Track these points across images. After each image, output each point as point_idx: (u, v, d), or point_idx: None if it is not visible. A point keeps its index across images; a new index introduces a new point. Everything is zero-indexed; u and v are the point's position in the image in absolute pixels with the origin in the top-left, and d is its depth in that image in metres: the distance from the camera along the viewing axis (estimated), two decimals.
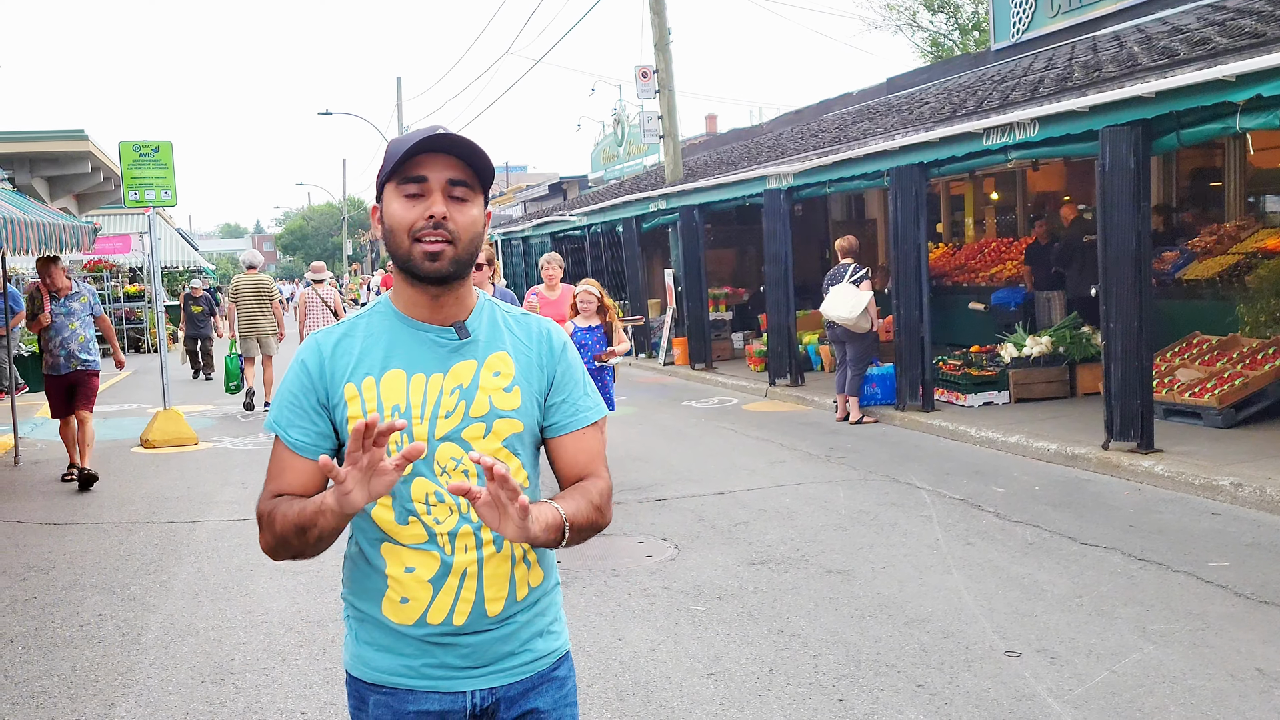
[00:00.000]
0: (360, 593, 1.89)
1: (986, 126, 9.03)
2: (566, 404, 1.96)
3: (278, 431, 1.86)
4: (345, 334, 1.88)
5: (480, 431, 1.84)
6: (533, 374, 1.92)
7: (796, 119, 22.27)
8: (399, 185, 1.80)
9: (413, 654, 1.85)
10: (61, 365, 8.75)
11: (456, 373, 1.85)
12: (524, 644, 1.90)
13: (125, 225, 28.27)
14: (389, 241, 1.83)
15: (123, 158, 10.77)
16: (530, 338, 1.95)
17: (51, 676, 4.60)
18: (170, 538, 6.95)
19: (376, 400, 1.81)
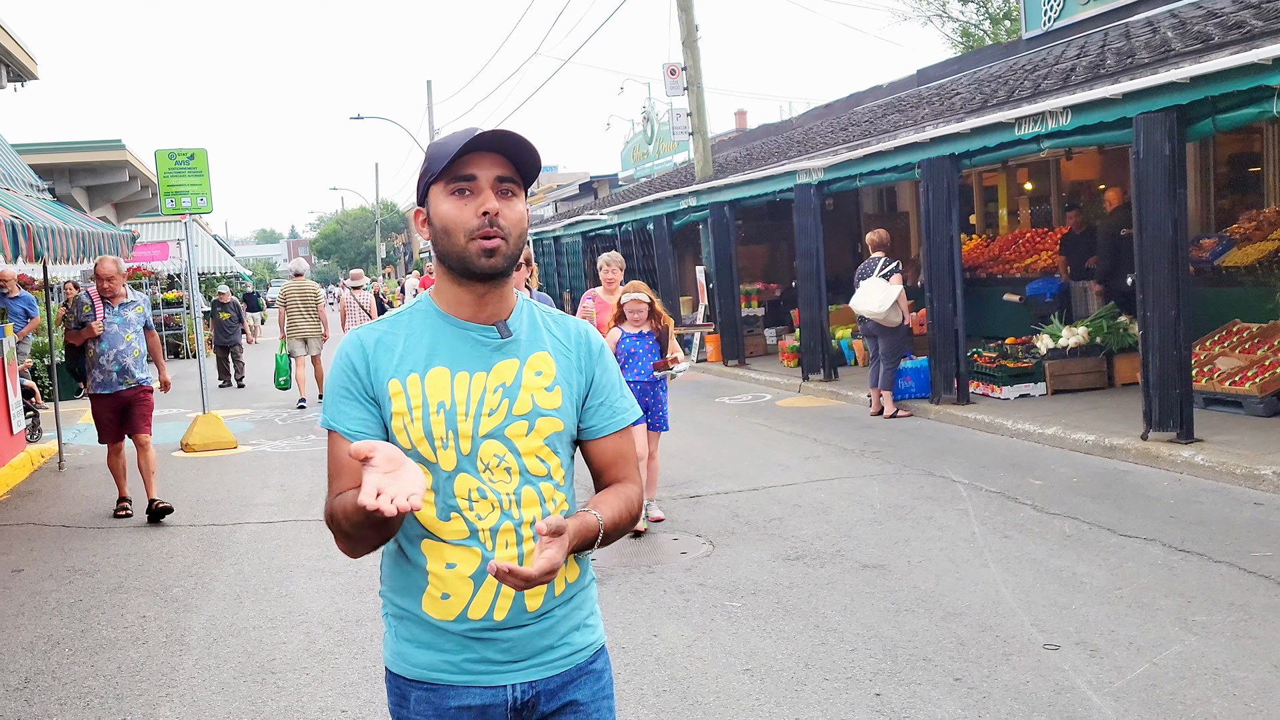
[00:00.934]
0: (400, 589, 1.90)
1: (1019, 116, 8.95)
2: (605, 407, 1.99)
3: (335, 426, 1.87)
4: (388, 330, 1.89)
5: (523, 429, 1.86)
6: (573, 375, 1.95)
7: (826, 113, 22.18)
8: (448, 184, 1.82)
9: (453, 649, 1.86)
10: (114, 381, 7.62)
11: (499, 371, 1.87)
12: (562, 637, 1.92)
13: (163, 233, 28.67)
14: (441, 242, 1.84)
15: (159, 165, 10.92)
16: (570, 339, 1.98)
17: (98, 677, 4.68)
18: (211, 540, 7.05)
19: (421, 397, 1.83)
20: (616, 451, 2.01)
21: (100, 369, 7.60)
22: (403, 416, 1.84)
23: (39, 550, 6.99)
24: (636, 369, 6.69)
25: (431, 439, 1.83)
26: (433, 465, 1.83)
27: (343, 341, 1.91)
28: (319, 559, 6.40)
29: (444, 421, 1.83)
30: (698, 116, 17.69)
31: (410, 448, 1.83)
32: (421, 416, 1.83)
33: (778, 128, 25.14)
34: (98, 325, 7.54)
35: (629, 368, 6.67)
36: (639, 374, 6.65)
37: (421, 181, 1.88)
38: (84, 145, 20.21)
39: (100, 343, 7.57)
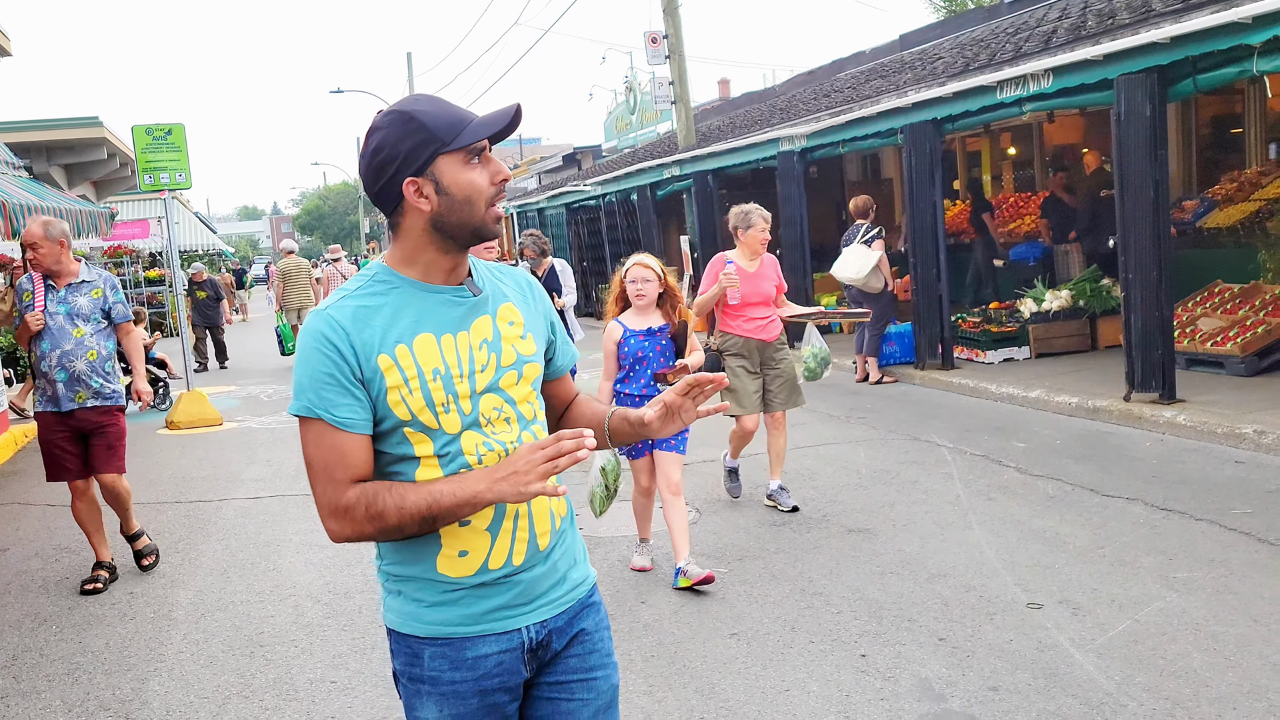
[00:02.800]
0: (408, 559, 1.89)
1: (1000, 79, 8.93)
2: (564, 344, 2.13)
3: (321, 414, 1.80)
4: (360, 304, 1.84)
5: (514, 378, 1.92)
6: (537, 321, 2.03)
7: (809, 80, 22.09)
8: (467, 154, 1.83)
9: (470, 603, 1.89)
10: (62, 396, 5.54)
11: (478, 328, 1.90)
12: (564, 575, 1.98)
13: (144, 211, 28.43)
14: (458, 212, 1.83)
15: (136, 141, 10.81)
16: (522, 287, 2.06)
17: (86, 653, 4.68)
18: (198, 516, 7.04)
19: (415, 366, 1.82)
20: (567, 387, 2.19)
21: (44, 378, 5.58)
22: (399, 389, 1.81)
23: (24, 529, 6.98)
24: (641, 379, 5.02)
25: (433, 406, 1.83)
26: (435, 432, 1.84)
27: (309, 322, 1.83)
28: (306, 533, 6.41)
29: (442, 387, 1.83)
30: (680, 85, 17.59)
31: (410, 418, 1.82)
32: (420, 386, 1.82)
33: (761, 96, 25.03)
34: (34, 318, 5.53)
35: (634, 377, 5.02)
36: (647, 384, 5.00)
37: (423, 150, 1.81)
38: (61, 123, 19.98)
39: (40, 341, 5.53)
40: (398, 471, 1.86)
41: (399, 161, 1.82)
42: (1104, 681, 3.73)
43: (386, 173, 1.82)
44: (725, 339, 6.18)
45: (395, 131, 1.81)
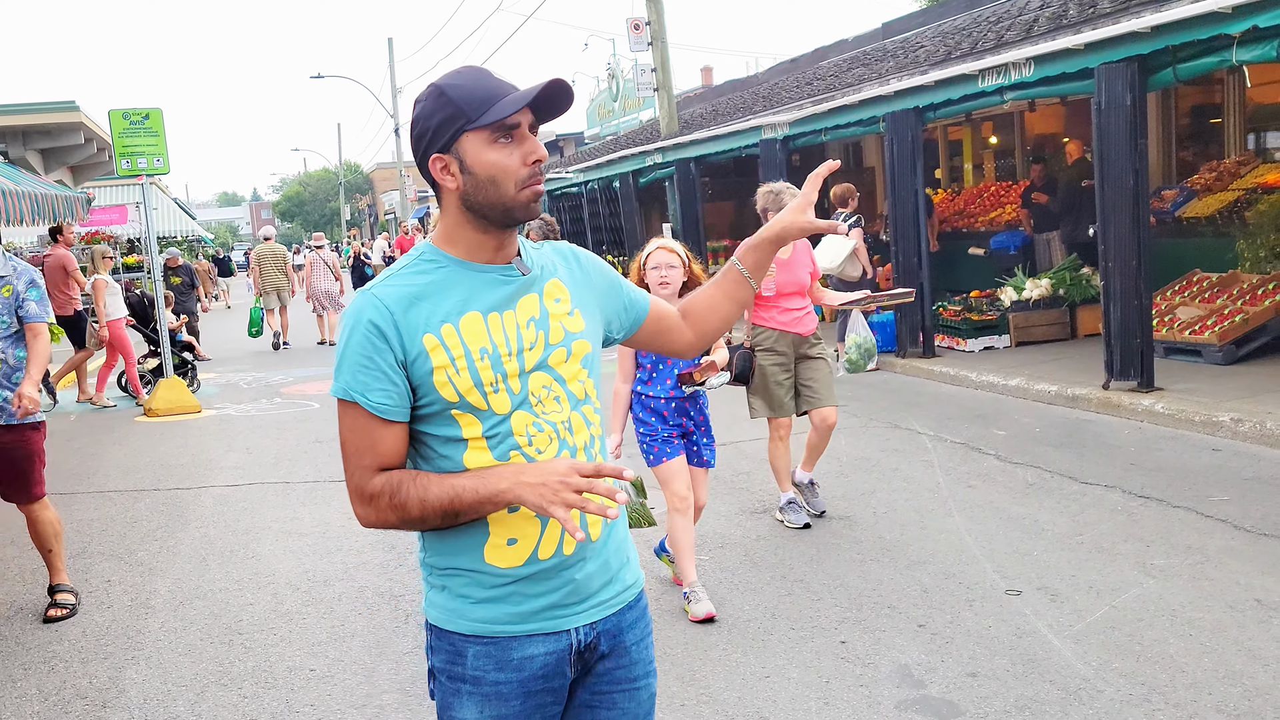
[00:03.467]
0: (454, 549, 1.84)
1: (982, 68, 8.94)
2: (628, 298, 2.08)
3: (355, 398, 1.77)
4: (405, 285, 1.80)
5: (563, 356, 1.86)
6: (585, 295, 1.96)
7: (792, 68, 22.05)
8: (493, 133, 1.76)
9: (517, 600, 1.83)
10: None
11: (524, 306, 1.84)
12: (615, 573, 1.92)
13: (122, 196, 28.17)
14: (485, 191, 1.78)
15: (113, 126, 10.70)
16: (567, 261, 1.99)
17: (62, 642, 4.65)
18: (176, 504, 6.99)
19: (461, 346, 1.77)
20: (663, 310, 2.12)
21: None
22: (445, 369, 1.76)
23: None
24: (666, 380, 4.53)
25: (481, 386, 1.78)
26: (484, 412, 1.79)
27: (356, 302, 1.80)
28: (286, 521, 6.38)
29: (490, 366, 1.78)
30: (663, 72, 17.54)
31: (458, 399, 1.77)
32: (467, 366, 1.77)
33: (743, 83, 24.97)
34: None
35: (656, 378, 4.53)
36: (672, 387, 4.52)
37: (448, 127, 1.77)
38: (36, 107, 19.74)
39: None
40: (445, 455, 1.81)
41: (428, 137, 1.80)
42: (1081, 667, 3.75)
43: (420, 148, 1.81)
44: (758, 333, 5.60)
45: (429, 106, 1.79)
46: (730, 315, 2.12)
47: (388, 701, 3.87)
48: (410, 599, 4.89)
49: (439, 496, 1.75)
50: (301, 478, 7.52)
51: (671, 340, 2.14)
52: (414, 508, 1.76)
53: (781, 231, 1.99)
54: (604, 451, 1.96)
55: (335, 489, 7.10)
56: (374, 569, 5.35)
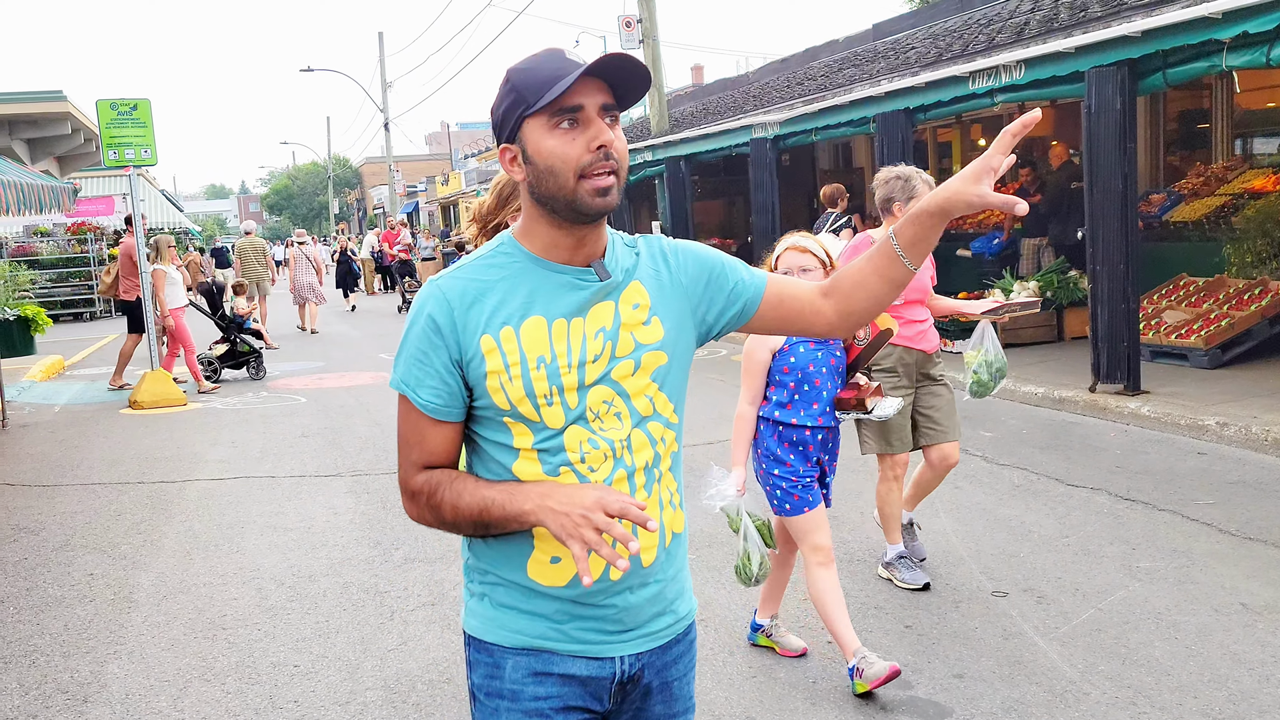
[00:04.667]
0: (499, 558, 1.75)
1: (972, 70, 8.96)
2: (734, 282, 1.84)
3: (406, 392, 1.71)
4: (473, 278, 1.70)
5: (629, 369, 1.72)
6: (671, 297, 1.79)
7: (783, 68, 22.06)
8: (551, 118, 1.63)
9: (561, 618, 1.73)
10: None
11: (597, 314, 1.71)
12: (669, 604, 1.80)
13: (109, 187, 28.03)
14: (545, 183, 1.65)
15: (100, 116, 10.62)
16: (654, 257, 1.82)
17: (44, 635, 4.61)
18: (160, 497, 6.95)
19: (518, 352, 1.66)
20: (791, 289, 1.86)
21: None
22: (499, 375, 1.66)
23: None
24: (814, 404, 3.68)
25: (534, 397, 1.66)
26: (536, 424, 1.68)
27: (421, 297, 1.71)
28: (270, 515, 6.34)
29: (546, 377, 1.66)
30: (654, 70, 17.52)
31: (509, 408, 1.67)
32: (521, 374, 1.66)
33: (734, 82, 24.97)
34: None
35: (801, 401, 3.67)
36: (821, 413, 3.69)
37: (511, 114, 1.66)
38: (23, 96, 19.61)
39: None
40: (498, 461, 1.72)
41: (498, 127, 1.72)
42: (1067, 670, 3.76)
43: (497, 141, 1.73)
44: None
45: (498, 94, 1.69)
46: (880, 295, 1.81)
47: (371, 699, 3.85)
48: (395, 595, 4.87)
49: (469, 505, 1.67)
50: (287, 472, 7.48)
51: (805, 322, 1.87)
52: (447, 512, 1.70)
53: (945, 203, 1.70)
54: (677, 469, 1.83)
55: (321, 484, 7.07)
56: (359, 565, 5.32)
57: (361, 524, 6.04)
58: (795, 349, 3.67)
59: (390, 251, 24.81)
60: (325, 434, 8.80)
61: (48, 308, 18.58)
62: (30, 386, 12.53)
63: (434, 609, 4.67)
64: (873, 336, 3.62)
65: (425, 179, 51.18)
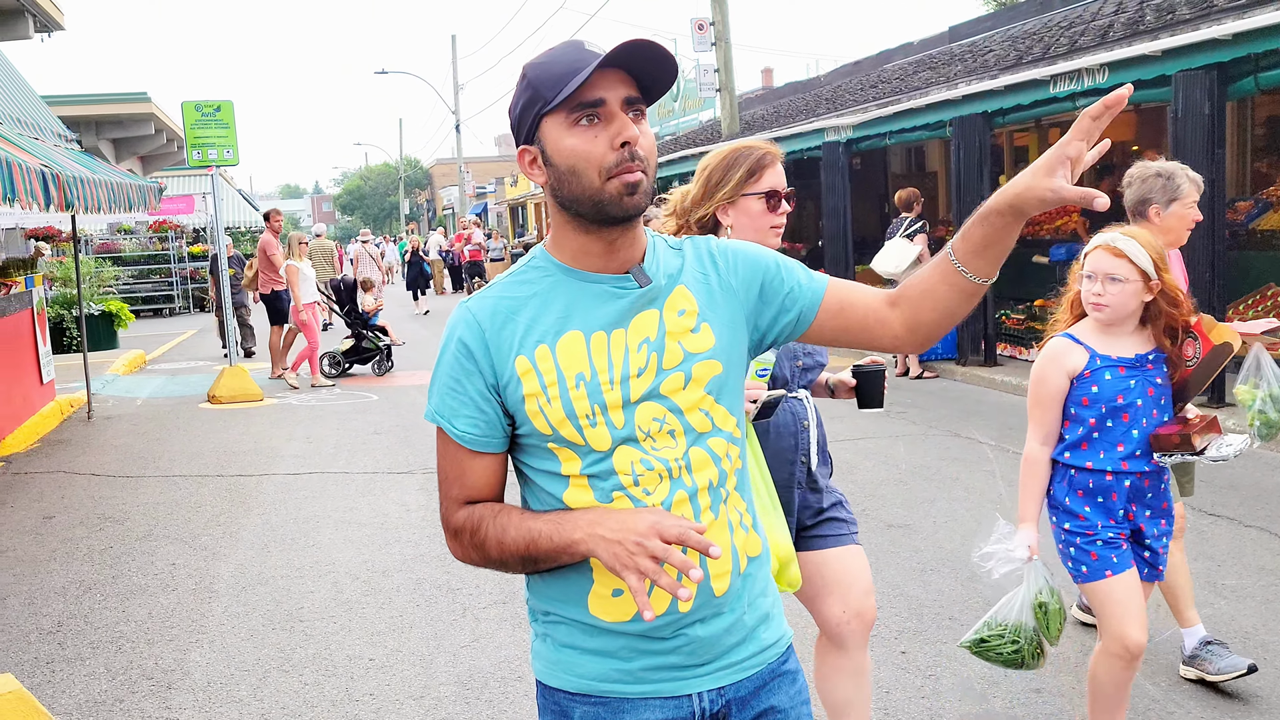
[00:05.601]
0: (557, 595, 1.62)
1: (1054, 73, 8.80)
2: (788, 288, 1.68)
3: (441, 423, 1.61)
4: (504, 297, 1.60)
5: (679, 382, 1.57)
6: (721, 302, 1.64)
7: (855, 70, 21.88)
8: (570, 114, 1.51)
9: (628, 656, 1.58)
10: None
11: (640, 325, 1.58)
12: (750, 631, 1.64)
13: (188, 186, 28.71)
14: (567, 185, 1.53)
15: (185, 118, 10.90)
16: (702, 259, 1.68)
17: (129, 622, 4.74)
18: (239, 490, 7.11)
19: (555, 371, 1.54)
20: (852, 296, 1.68)
21: None
22: (537, 398, 1.55)
23: (69, 498, 7.07)
24: (1118, 443, 2.91)
25: (575, 418, 1.54)
26: (581, 448, 1.56)
27: (452, 321, 1.62)
28: (345, 510, 6.45)
29: (587, 396, 1.54)
30: (725, 73, 17.50)
31: (550, 432, 1.56)
32: (559, 394, 1.54)
33: (805, 85, 24.82)
34: None
35: (1100, 439, 2.91)
36: (1129, 454, 2.90)
37: (528, 114, 1.55)
38: (110, 97, 20.23)
39: None
40: (549, 491, 1.60)
41: (515, 128, 1.60)
42: (1150, 688, 3.67)
43: (516, 144, 1.61)
44: None
45: (515, 93, 1.58)
46: (952, 306, 1.63)
47: (444, 694, 3.89)
48: (467, 592, 4.92)
49: (515, 540, 1.56)
50: (360, 468, 7.60)
51: (869, 334, 1.69)
52: (493, 549, 1.58)
53: (1016, 199, 1.54)
54: (745, 488, 1.67)
55: (393, 480, 7.17)
56: (431, 562, 5.39)
57: (433, 520, 6.11)
58: (1100, 374, 2.89)
59: (460, 249, 25.08)
60: (397, 431, 8.93)
61: (130, 303, 19.11)
62: (114, 380, 12.90)
63: (505, 607, 4.71)
64: (1204, 354, 2.86)
65: (494, 180, 51.67)
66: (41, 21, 13.84)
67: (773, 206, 2.72)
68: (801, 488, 2.88)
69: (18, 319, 9.55)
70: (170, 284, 24.76)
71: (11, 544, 5.99)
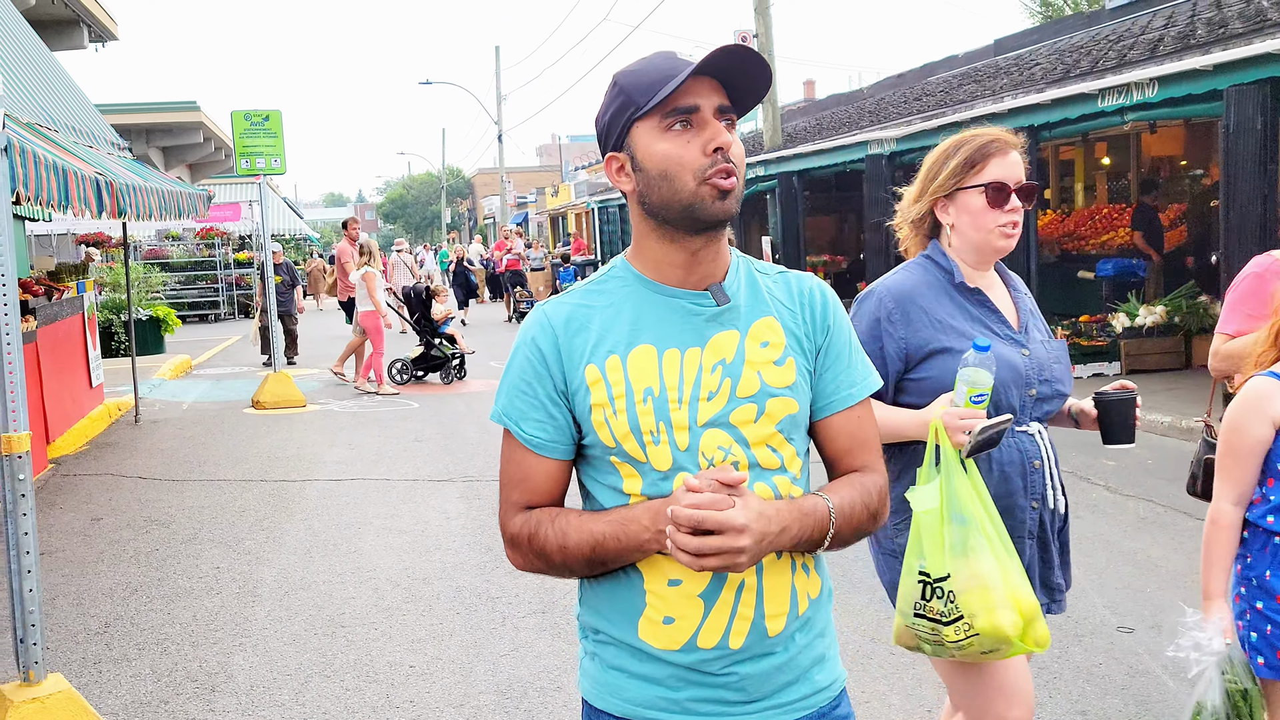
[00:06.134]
0: (609, 614, 1.60)
1: (1102, 87, 8.71)
2: (832, 376, 1.64)
3: (509, 425, 1.59)
4: (580, 304, 1.59)
5: (751, 414, 1.54)
6: (804, 343, 1.62)
7: (898, 83, 21.80)
8: (664, 119, 1.51)
9: (676, 685, 1.55)
10: None
11: (717, 345, 1.55)
12: (803, 672, 1.60)
13: (234, 194, 29.11)
14: (658, 190, 1.52)
15: (234, 126, 11.07)
16: (794, 298, 1.64)
17: (174, 624, 4.80)
18: (282, 495, 7.18)
19: (624, 383, 1.53)
20: (851, 436, 1.64)
21: None
22: (603, 408, 1.53)
23: (117, 500, 7.18)
24: None
25: (639, 433, 1.52)
26: (643, 465, 1.53)
27: (527, 322, 1.61)
28: (386, 517, 6.49)
29: (653, 411, 1.52)
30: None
31: (614, 445, 1.54)
32: (625, 407, 1.52)
33: (848, 98, 24.77)
34: None
35: None
36: None
37: (618, 120, 1.55)
38: (160, 106, 20.60)
39: None
40: (608, 507, 1.58)
41: (603, 135, 1.59)
42: None
43: (602, 152, 1.61)
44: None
45: (604, 100, 1.58)
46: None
47: (484, 702, 3.90)
48: (506, 601, 4.93)
49: (578, 544, 1.53)
50: (401, 475, 7.65)
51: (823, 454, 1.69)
52: (554, 553, 1.55)
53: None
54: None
55: (434, 488, 7.21)
56: (471, 570, 5.41)
57: (473, 529, 6.14)
58: None
59: (500, 258, 25.20)
60: (437, 439, 8.98)
61: (176, 309, 19.39)
62: (160, 384, 13.09)
63: (544, 616, 4.72)
64: None
65: (535, 190, 51.94)
66: (96, 32, 14.12)
67: (997, 202, 2.34)
68: (1032, 538, 2.43)
69: (69, 323, 9.72)
70: (216, 290, 25.11)
71: (61, 545, 6.09)
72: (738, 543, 1.40)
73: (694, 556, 1.41)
